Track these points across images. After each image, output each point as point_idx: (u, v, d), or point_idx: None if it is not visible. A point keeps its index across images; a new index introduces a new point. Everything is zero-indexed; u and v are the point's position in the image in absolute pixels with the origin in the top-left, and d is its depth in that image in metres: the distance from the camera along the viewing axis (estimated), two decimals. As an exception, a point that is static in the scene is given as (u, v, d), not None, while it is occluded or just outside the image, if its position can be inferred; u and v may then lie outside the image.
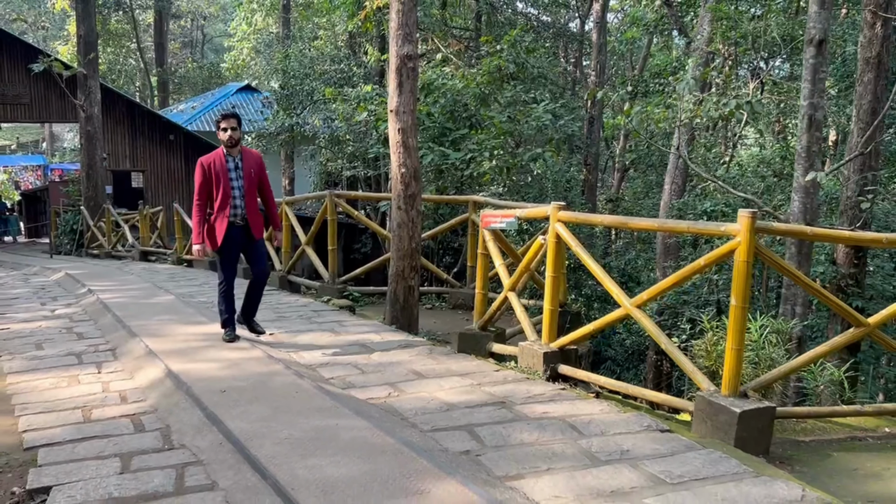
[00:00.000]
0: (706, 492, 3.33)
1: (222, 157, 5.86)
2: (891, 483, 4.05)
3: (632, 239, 23.52)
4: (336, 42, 22.33)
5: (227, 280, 6.14)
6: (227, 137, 5.80)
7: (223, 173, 5.83)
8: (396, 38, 6.97)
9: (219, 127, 5.83)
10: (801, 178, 8.60)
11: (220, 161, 5.85)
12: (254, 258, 6.19)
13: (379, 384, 5.05)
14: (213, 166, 5.84)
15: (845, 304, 9.28)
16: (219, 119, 5.85)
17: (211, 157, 5.88)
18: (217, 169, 5.82)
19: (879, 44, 9.74)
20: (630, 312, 4.85)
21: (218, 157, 5.87)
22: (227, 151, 5.88)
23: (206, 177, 5.84)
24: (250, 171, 5.93)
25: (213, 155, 5.90)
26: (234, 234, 5.93)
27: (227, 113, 5.89)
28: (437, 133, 10.80)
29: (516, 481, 3.46)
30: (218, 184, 5.83)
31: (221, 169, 5.83)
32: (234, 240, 5.96)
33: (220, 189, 5.83)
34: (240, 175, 5.89)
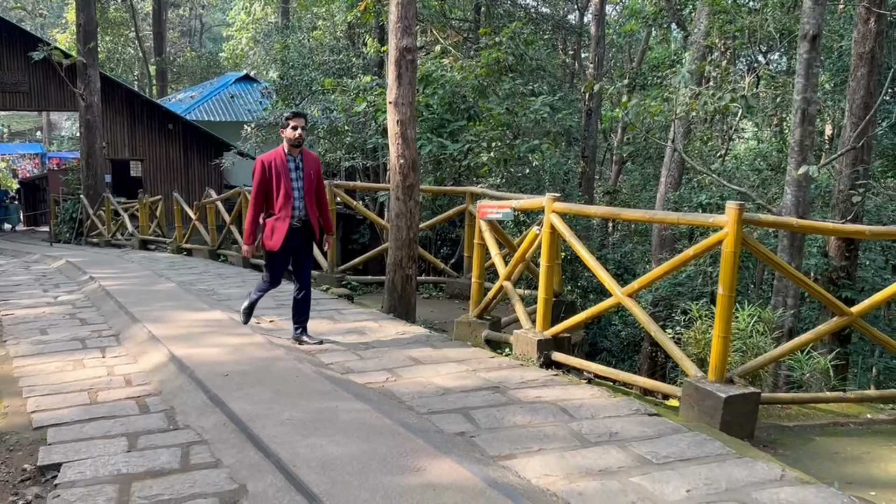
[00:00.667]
0: (690, 471, 3.48)
1: (283, 157, 5.66)
2: (869, 466, 4.20)
3: (628, 231, 23.68)
4: (335, 32, 22.37)
5: (272, 282, 6.00)
6: (296, 136, 5.60)
7: (284, 173, 5.63)
8: (395, 30, 7.08)
9: (287, 125, 5.63)
10: (793, 171, 8.72)
11: (280, 160, 5.64)
12: (302, 264, 5.98)
13: (377, 370, 5.20)
14: (274, 165, 5.62)
15: (835, 295, 9.46)
16: (288, 116, 5.65)
17: (271, 156, 5.68)
18: (278, 168, 5.62)
19: (872, 39, 9.86)
20: (621, 301, 4.98)
21: (279, 155, 5.67)
22: (289, 151, 5.68)
23: (265, 175, 5.63)
24: (310, 172, 5.74)
25: (273, 154, 5.71)
26: (291, 236, 5.71)
27: (297, 112, 5.75)
28: (435, 124, 10.91)
29: (509, 460, 3.61)
30: (279, 184, 5.61)
31: (282, 168, 5.62)
32: (291, 242, 5.74)
33: (281, 189, 5.61)
34: (300, 176, 5.69)
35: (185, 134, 23.81)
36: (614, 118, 17.95)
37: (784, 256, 8.87)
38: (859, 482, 3.99)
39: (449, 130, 10.83)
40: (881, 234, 6.04)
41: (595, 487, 3.32)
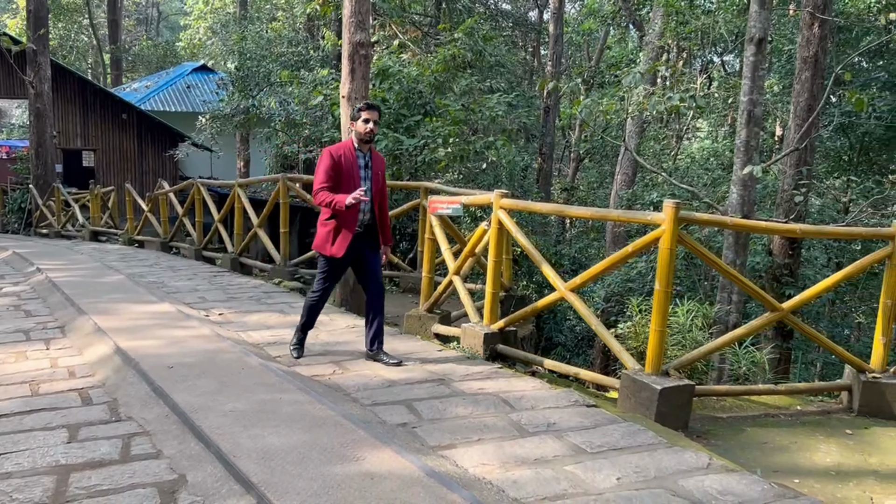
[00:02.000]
0: (622, 460, 3.61)
1: (353, 152, 5.03)
2: (795, 455, 4.39)
3: (585, 228, 24.01)
4: (294, 24, 22.22)
5: (325, 292, 5.28)
6: (367, 130, 4.99)
7: (354, 169, 4.99)
8: (349, 25, 7.10)
9: (358, 116, 5.03)
10: (739, 171, 8.97)
11: (350, 155, 5.01)
12: (371, 270, 5.25)
13: (324, 363, 5.24)
14: (344, 159, 4.98)
15: (779, 292, 9.74)
16: (360, 108, 5.06)
17: (339, 149, 5.05)
18: (348, 162, 4.98)
19: (816, 44, 10.18)
20: (564, 296, 5.11)
21: (348, 149, 5.03)
22: (359, 146, 5.06)
23: (335, 167, 4.96)
24: (378, 172, 5.14)
25: (342, 146, 5.07)
26: (355, 244, 5.07)
27: (371, 103, 5.16)
28: (391, 119, 10.95)
29: (448, 450, 3.69)
30: (348, 181, 4.95)
31: (353, 164, 4.99)
32: (354, 251, 5.10)
33: (351, 187, 4.91)
34: (369, 175, 5.08)
35: (139, 124, 23.43)
36: (572, 116, 18.17)
37: (729, 254, 9.13)
38: (785, 470, 4.17)
39: (405, 126, 10.87)
40: (812, 232, 6.28)
41: (529, 476, 3.41)
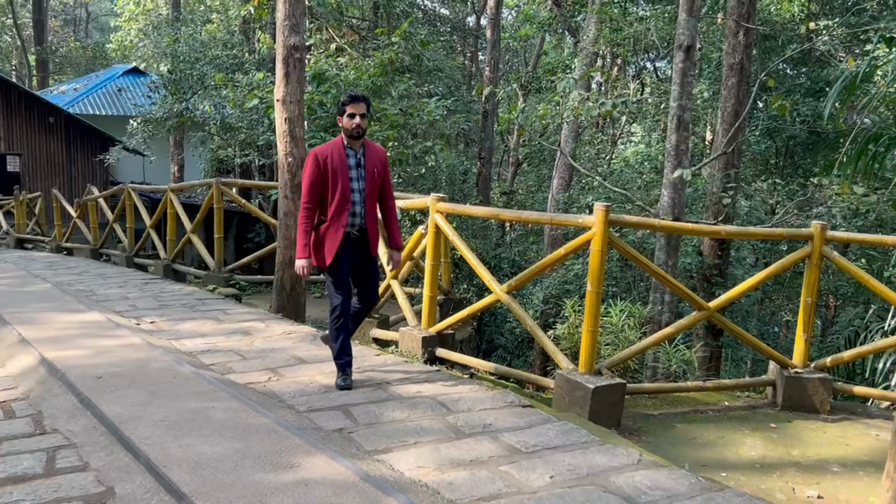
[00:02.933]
0: (555, 459, 3.66)
1: (342, 150, 4.63)
2: (723, 450, 4.54)
3: (525, 231, 24.28)
4: (230, 27, 21.87)
5: (342, 306, 4.77)
6: (353, 126, 4.56)
7: (342, 170, 4.61)
8: (283, 28, 7.03)
9: (343, 111, 4.61)
10: (669, 174, 9.21)
11: (339, 154, 4.62)
12: (368, 279, 4.90)
13: (259, 370, 5.17)
14: (331, 160, 4.59)
15: (709, 292, 10.03)
16: (344, 101, 4.63)
17: (327, 149, 4.65)
18: (335, 164, 4.60)
19: (742, 51, 10.54)
20: (500, 298, 5.16)
21: (336, 148, 4.63)
22: (349, 143, 4.65)
23: (319, 172, 4.60)
24: (373, 169, 4.72)
25: (329, 146, 4.67)
26: (348, 248, 4.70)
27: (356, 95, 4.68)
28: (328, 123, 10.87)
29: (384, 454, 3.69)
30: (335, 183, 4.60)
31: (341, 164, 4.61)
32: (348, 256, 4.72)
33: (338, 190, 4.60)
34: (361, 174, 4.68)
35: (67, 128, 22.68)
36: (510, 120, 18.38)
37: (661, 255, 9.36)
38: (713, 465, 4.31)
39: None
40: (736, 234, 6.51)
41: (465, 477, 3.44)
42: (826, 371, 5.37)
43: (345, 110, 4.61)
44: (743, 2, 10.32)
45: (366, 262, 4.83)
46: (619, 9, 16.36)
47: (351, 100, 4.61)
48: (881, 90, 9.99)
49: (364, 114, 4.62)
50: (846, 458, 4.54)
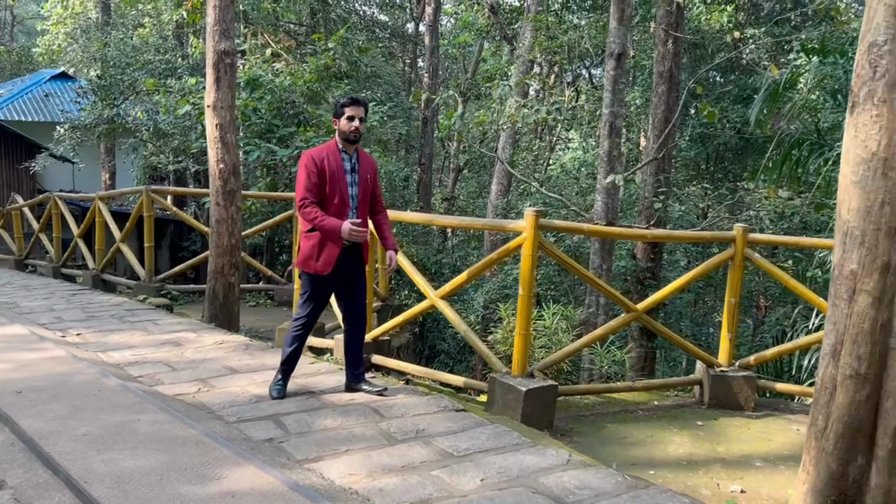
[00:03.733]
0: (486, 461, 3.69)
1: (337, 155, 4.44)
2: (651, 448, 4.64)
3: (467, 237, 24.41)
4: (162, 31, 21.40)
5: (308, 319, 4.63)
6: (352, 129, 4.40)
7: (340, 175, 4.41)
8: (213, 33, 6.93)
9: (341, 114, 4.44)
10: (602, 180, 9.39)
11: (335, 159, 4.42)
12: (358, 291, 4.70)
13: (189, 381, 5.06)
14: (328, 163, 4.38)
15: (642, 294, 10.24)
16: (343, 103, 4.47)
17: (322, 152, 4.45)
18: (332, 168, 4.38)
19: (671, 59, 10.83)
20: (434, 303, 5.18)
21: (332, 152, 4.44)
22: (344, 147, 4.48)
23: (318, 174, 4.36)
24: (367, 176, 4.54)
25: (324, 149, 4.48)
26: (343, 261, 4.49)
27: (356, 98, 4.52)
28: (263, 129, 10.74)
29: (315, 463, 3.65)
30: (334, 188, 4.38)
31: (338, 169, 4.40)
32: (341, 269, 4.50)
33: (337, 195, 4.39)
34: (356, 180, 4.49)
35: (-9, 134, 21.79)
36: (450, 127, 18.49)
37: (596, 259, 9.52)
38: (642, 463, 4.40)
39: (278, 136, 10.69)
40: (661, 237, 6.69)
41: (396, 482, 3.43)
42: (751, 369, 5.55)
43: (343, 112, 4.44)
44: (671, 11, 10.60)
45: (356, 273, 4.63)
46: (555, 17, 16.64)
47: (351, 102, 4.46)
48: (804, 97, 10.39)
49: (363, 118, 4.48)
50: (769, 453, 4.69)
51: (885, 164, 3.32)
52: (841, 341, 3.50)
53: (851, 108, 3.50)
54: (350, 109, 4.42)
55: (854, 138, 3.45)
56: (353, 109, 4.42)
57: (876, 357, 3.39)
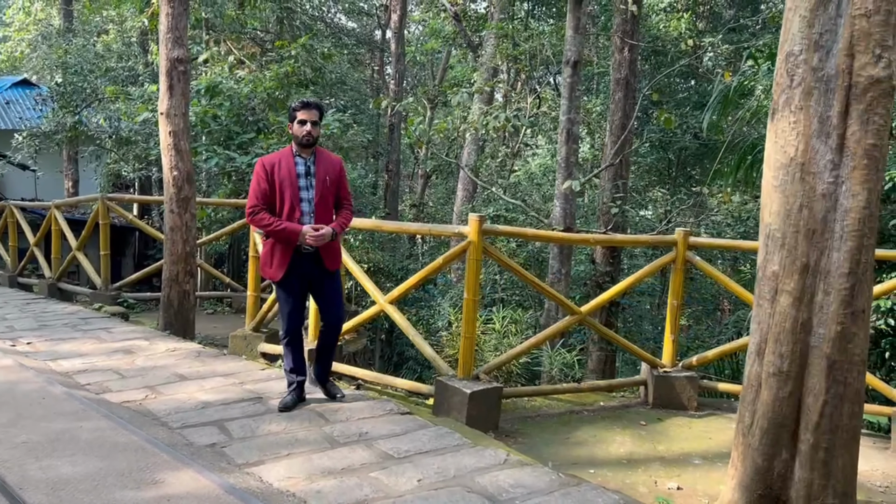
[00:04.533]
0: (425, 462, 3.75)
1: (290, 159, 4.43)
2: (594, 448, 4.73)
3: (437, 243, 24.51)
4: (127, 38, 21.25)
5: (290, 327, 4.58)
6: (303, 133, 4.36)
7: (290, 180, 4.39)
8: (166, 40, 6.94)
9: (293, 118, 4.43)
10: (560, 185, 9.52)
11: (287, 163, 4.41)
12: (326, 298, 4.66)
13: (137, 388, 5.06)
14: (277, 170, 4.39)
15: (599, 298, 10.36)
16: (295, 107, 4.44)
17: (275, 158, 4.45)
18: (282, 173, 4.38)
19: (627, 67, 11.01)
20: (384, 308, 5.24)
21: (285, 157, 4.44)
22: (298, 152, 4.45)
23: (268, 181, 4.38)
24: (325, 178, 4.46)
25: (277, 155, 4.49)
26: (299, 265, 4.46)
27: (308, 101, 4.48)
28: (222, 136, 10.73)
29: (255, 467, 3.69)
30: (283, 193, 4.38)
31: (288, 174, 4.39)
32: (300, 273, 4.49)
33: (286, 201, 4.38)
34: (311, 183, 4.44)
35: (-50, 142, 21.43)
36: (413, 134, 18.58)
37: (555, 264, 9.65)
38: (583, 462, 4.49)
39: (238, 143, 10.69)
40: (604, 241, 6.84)
41: (333, 485, 3.48)
42: (694, 370, 5.68)
43: (295, 116, 4.43)
44: (627, 20, 10.78)
45: (322, 278, 4.56)
46: (520, 24, 16.82)
47: (302, 106, 4.43)
48: (759, 102, 10.62)
49: (315, 121, 4.42)
50: (708, 451, 4.81)
51: (802, 169, 3.45)
52: (765, 340, 3.62)
53: (772, 115, 3.64)
54: (301, 113, 4.40)
55: (774, 144, 3.59)
56: (304, 113, 4.40)
57: (797, 355, 3.52)
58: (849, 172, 3.36)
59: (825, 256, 3.43)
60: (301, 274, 4.49)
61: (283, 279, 4.47)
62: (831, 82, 3.35)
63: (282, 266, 4.44)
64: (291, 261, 4.43)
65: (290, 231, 4.34)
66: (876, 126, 3.32)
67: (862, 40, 3.29)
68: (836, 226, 3.40)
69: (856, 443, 3.58)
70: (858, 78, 3.31)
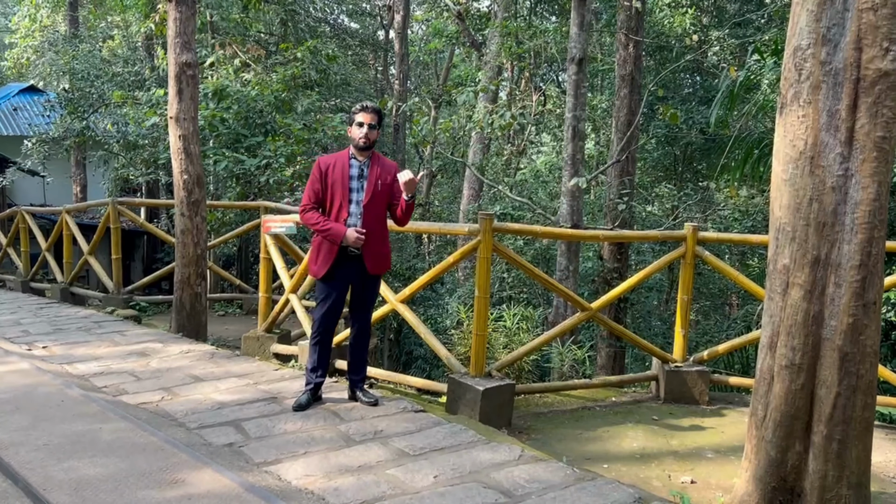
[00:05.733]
0: (441, 459, 3.79)
1: (346, 161, 4.49)
2: (606, 443, 4.76)
3: (443, 242, 24.55)
4: (130, 43, 21.35)
5: (322, 324, 4.63)
6: (361, 136, 4.43)
7: (342, 181, 4.45)
8: (175, 45, 7.00)
9: (352, 121, 4.50)
10: (567, 183, 9.54)
11: (342, 165, 4.48)
12: (361, 301, 4.68)
13: (153, 389, 5.11)
14: (332, 171, 4.45)
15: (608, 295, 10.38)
16: (355, 110, 4.52)
17: (331, 159, 4.52)
18: (335, 174, 4.45)
19: (632, 63, 11.01)
20: (395, 307, 5.28)
21: (340, 159, 4.51)
22: (354, 154, 4.51)
23: (321, 181, 4.46)
24: (377, 181, 4.47)
25: (335, 157, 4.55)
26: (343, 266, 4.51)
27: (367, 104, 4.54)
28: (231, 139, 10.78)
29: (273, 465, 3.73)
30: (333, 194, 4.45)
31: (341, 175, 4.45)
32: (343, 274, 4.53)
33: (336, 202, 4.45)
34: (362, 186, 4.47)
35: (-41, 149, 21.56)
36: (418, 133, 18.62)
37: (563, 261, 9.66)
38: (596, 457, 4.52)
39: (246, 145, 10.74)
40: (612, 237, 6.86)
41: (351, 482, 3.53)
42: (705, 364, 5.70)
43: (354, 119, 4.50)
44: (631, 16, 10.79)
45: (363, 281, 4.59)
46: (524, 22, 16.84)
47: (361, 109, 4.50)
48: (766, 97, 10.61)
49: (374, 125, 4.47)
50: (720, 444, 4.84)
51: (811, 163, 3.47)
52: (777, 333, 3.64)
53: (780, 109, 3.66)
54: (360, 116, 4.47)
55: (783, 138, 3.61)
56: (363, 115, 4.47)
57: (809, 347, 3.54)
58: (858, 165, 3.38)
59: (836, 249, 3.46)
60: (344, 274, 4.55)
61: (326, 276, 4.53)
62: (839, 76, 3.38)
63: (326, 263, 4.51)
64: (336, 260, 4.49)
65: (335, 231, 4.41)
66: (885, 118, 3.34)
67: (869, 34, 3.31)
68: (847, 218, 3.42)
69: (869, 434, 3.61)
70: (866, 71, 3.33)
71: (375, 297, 4.82)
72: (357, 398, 4.76)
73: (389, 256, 4.72)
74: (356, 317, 4.73)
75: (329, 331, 4.70)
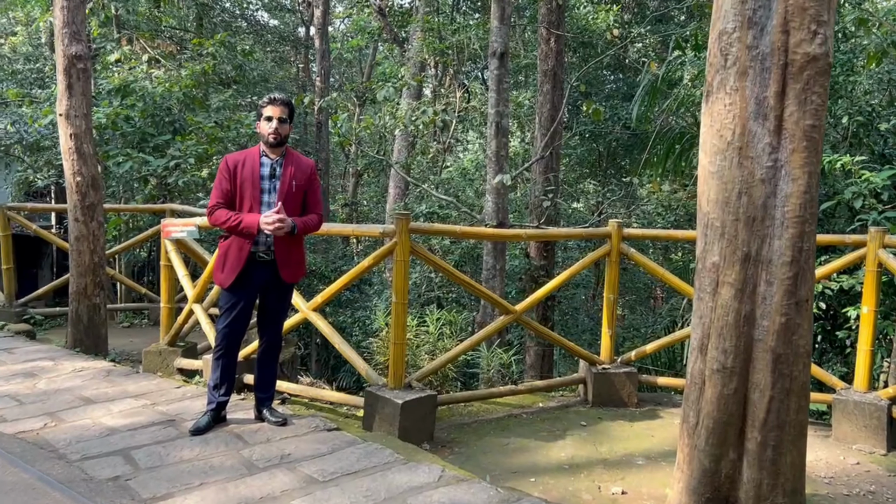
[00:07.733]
0: (353, 485, 3.45)
1: (256, 159, 4.10)
2: (534, 454, 4.50)
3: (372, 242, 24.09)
4: (33, 40, 20.16)
5: (227, 337, 4.21)
6: (271, 131, 4.05)
7: (252, 181, 4.06)
8: (63, 36, 6.43)
9: (260, 115, 4.11)
10: (491, 180, 9.30)
11: (251, 163, 4.09)
12: (271, 312, 4.29)
13: (36, 415, 4.59)
14: (240, 169, 4.07)
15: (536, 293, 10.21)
16: (262, 104, 4.12)
17: (240, 157, 4.13)
18: (244, 173, 4.07)
19: (554, 58, 10.88)
20: (307, 316, 4.90)
21: (250, 157, 4.12)
22: (266, 151, 4.12)
23: (230, 180, 4.06)
24: (291, 181, 4.09)
25: (244, 152, 4.18)
26: (253, 272, 4.11)
27: (277, 97, 4.14)
28: (136, 139, 10.13)
29: (162, 501, 3.32)
30: (242, 194, 4.06)
31: (251, 174, 4.06)
32: (253, 281, 4.13)
33: (245, 203, 4.06)
34: (274, 186, 4.09)
35: None
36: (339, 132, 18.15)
37: (489, 260, 9.41)
38: (523, 470, 4.25)
39: (153, 145, 10.11)
40: (535, 236, 6.68)
41: (250, 517, 3.15)
42: (632, 364, 5.52)
43: (262, 113, 4.11)
44: (552, 10, 10.66)
45: (274, 290, 4.21)
46: (446, 17, 16.56)
47: (269, 102, 4.11)
48: (688, 91, 10.61)
49: (284, 119, 4.09)
50: (651, 450, 4.64)
51: (740, 153, 3.27)
52: (707, 335, 3.44)
53: (706, 98, 3.45)
54: (268, 109, 4.09)
55: (710, 128, 3.40)
56: (271, 109, 4.08)
57: (741, 350, 3.35)
58: (788, 156, 3.20)
59: (766, 245, 3.27)
60: (253, 283, 4.15)
61: (233, 286, 4.11)
62: (767, 61, 3.19)
63: (234, 271, 4.08)
64: (245, 267, 4.08)
65: (248, 222, 3.98)
66: (814, 106, 3.17)
67: (797, 16, 3.13)
68: (777, 212, 3.24)
69: (803, 438, 3.45)
70: (794, 55, 3.15)
71: (287, 308, 4.44)
72: (264, 418, 4.35)
73: (304, 263, 4.34)
74: (265, 330, 4.33)
75: (235, 344, 4.29)
